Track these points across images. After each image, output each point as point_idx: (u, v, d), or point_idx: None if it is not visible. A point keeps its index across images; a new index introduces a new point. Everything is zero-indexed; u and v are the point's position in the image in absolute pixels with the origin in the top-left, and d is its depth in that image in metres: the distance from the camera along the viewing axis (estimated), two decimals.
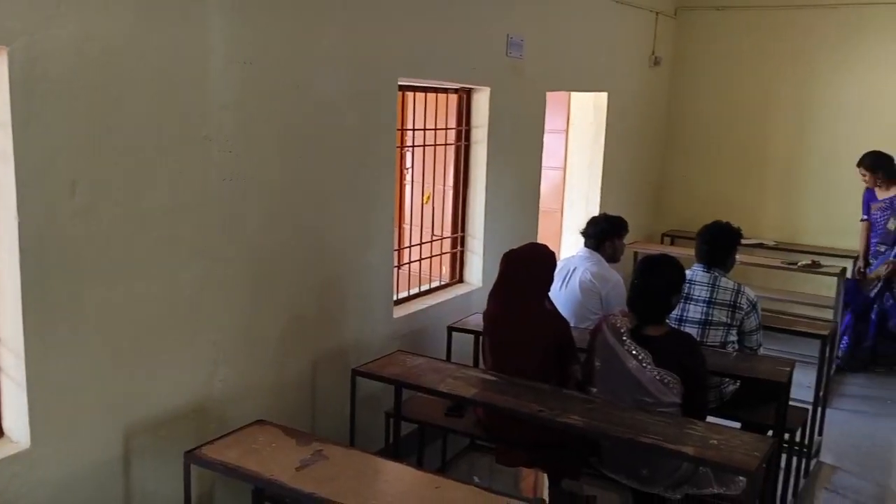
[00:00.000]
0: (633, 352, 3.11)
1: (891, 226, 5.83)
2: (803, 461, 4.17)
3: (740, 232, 4.08)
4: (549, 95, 5.40)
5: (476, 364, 4.07)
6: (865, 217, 5.96)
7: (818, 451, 4.48)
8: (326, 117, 3.50)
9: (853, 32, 6.54)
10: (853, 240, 6.48)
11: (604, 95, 6.11)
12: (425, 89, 4.42)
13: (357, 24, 3.58)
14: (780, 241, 6.78)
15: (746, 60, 6.99)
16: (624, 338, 3.16)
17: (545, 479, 3.76)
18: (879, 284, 5.79)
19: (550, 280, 3.53)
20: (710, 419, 3.39)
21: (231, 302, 3.16)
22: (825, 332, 4.28)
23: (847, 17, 6.53)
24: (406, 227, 4.85)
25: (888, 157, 5.78)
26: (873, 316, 5.84)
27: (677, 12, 7.15)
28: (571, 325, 3.99)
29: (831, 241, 6.61)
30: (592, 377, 3.32)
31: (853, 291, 5.91)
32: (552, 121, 6.04)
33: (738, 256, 6.11)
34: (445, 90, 4.56)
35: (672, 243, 7.01)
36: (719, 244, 3.97)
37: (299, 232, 3.45)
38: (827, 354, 4.33)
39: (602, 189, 6.27)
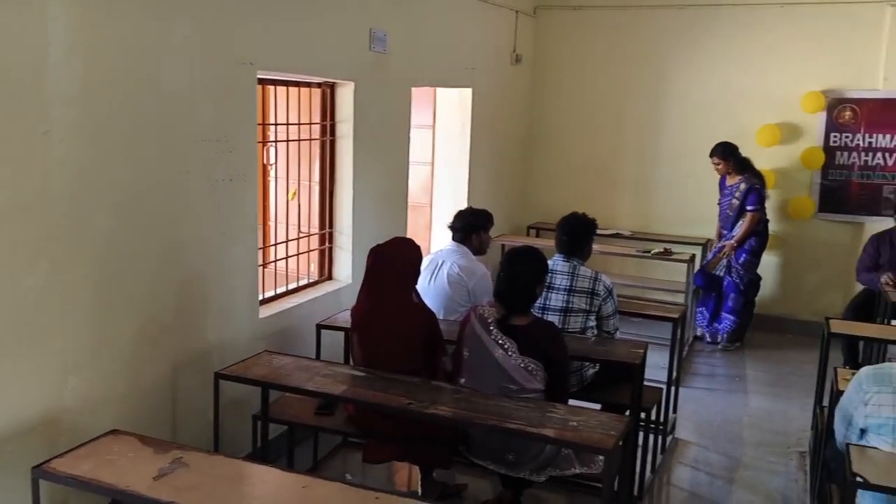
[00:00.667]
0: (500, 341, 3.19)
1: (730, 211, 6.34)
2: (660, 438, 4.42)
3: (595, 222, 4.25)
4: (415, 91, 5.43)
5: (347, 361, 4.04)
6: (719, 200, 6.53)
7: (674, 428, 4.75)
8: (180, 111, 3.36)
9: (699, 32, 6.96)
10: (703, 228, 6.94)
11: (468, 91, 6.22)
12: (287, 83, 4.34)
13: (211, 15, 3.46)
14: (635, 231, 7.13)
15: (602, 58, 7.30)
16: (491, 328, 3.23)
17: (418, 472, 3.81)
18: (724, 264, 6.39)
19: (417, 273, 3.56)
20: (572, 402, 3.53)
21: (79, 306, 2.99)
22: (676, 316, 4.55)
23: (692, 18, 6.94)
24: (272, 224, 4.75)
25: (736, 147, 6.35)
26: (715, 294, 6.52)
27: (536, 11, 7.37)
28: (440, 317, 4.06)
29: (682, 230, 7.02)
30: (461, 367, 3.38)
31: (704, 275, 6.46)
32: (419, 116, 6.09)
33: (596, 246, 6.43)
34: (308, 84, 4.50)
35: (537, 235, 7.22)
36: (577, 235, 4.13)
37: (153, 230, 3.30)
38: (678, 336, 4.60)
39: (469, 183, 6.38)
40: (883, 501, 2.75)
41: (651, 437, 4.24)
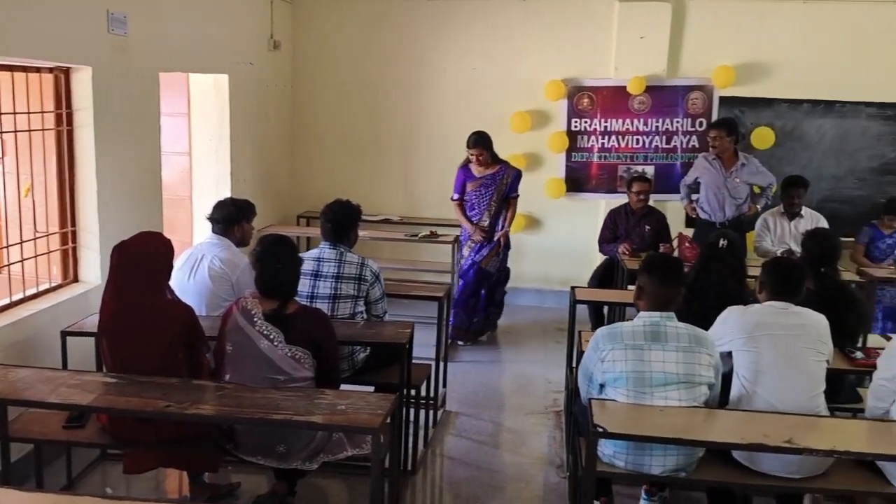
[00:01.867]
0: (265, 332, 3.13)
1: (493, 201, 6.06)
2: (431, 412, 4.59)
3: (360, 208, 4.28)
4: (166, 77, 5.14)
5: (100, 369, 3.75)
6: (458, 196, 6.14)
7: (444, 402, 4.95)
8: None
9: (450, 22, 7.24)
10: None
11: (224, 77, 5.99)
12: (12, 68, 3.91)
13: None
14: (404, 216, 7.32)
15: (363, 45, 7.37)
16: (255, 319, 3.16)
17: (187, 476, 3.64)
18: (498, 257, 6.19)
19: (168, 269, 3.38)
20: (345, 387, 3.56)
21: None
22: (440, 294, 4.73)
23: (443, 9, 7.22)
24: (3, 224, 4.27)
25: (489, 137, 6.04)
26: (483, 290, 6.21)
27: None
28: (203, 314, 3.90)
29: (447, 213, 7.24)
30: (224, 363, 3.27)
31: (478, 271, 6.16)
32: (171, 104, 5.77)
33: (365, 232, 6.50)
34: (38, 69, 4.08)
35: (308, 224, 7.17)
36: (341, 221, 4.15)
37: None
38: (445, 314, 4.79)
39: (232, 174, 6.17)
40: (622, 446, 3.06)
41: (423, 412, 4.39)
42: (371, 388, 3.90)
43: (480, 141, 6.00)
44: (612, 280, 6.09)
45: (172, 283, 4.06)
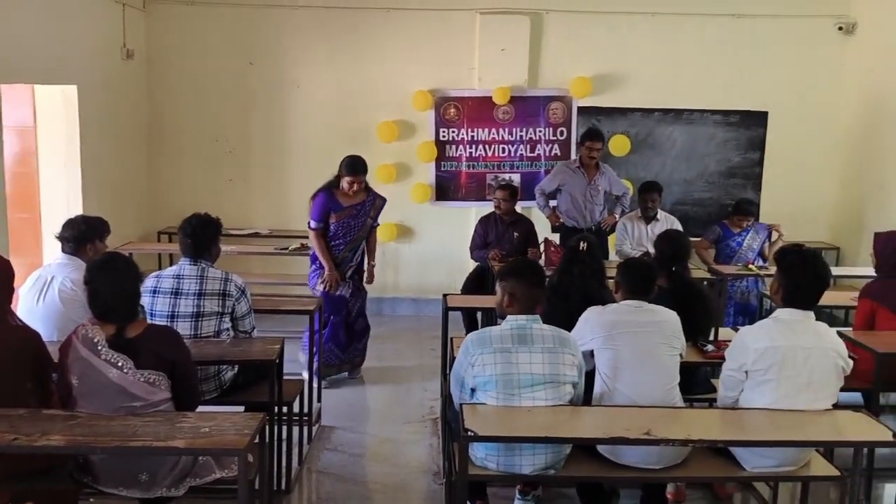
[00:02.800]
0: (112, 360, 2.95)
1: (361, 232, 5.52)
2: (305, 429, 4.50)
3: (220, 221, 4.14)
4: (7, 89, 4.81)
5: None
6: (318, 225, 5.41)
7: (319, 417, 4.87)
8: None
9: (315, 32, 7.19)
10: None
11: (73, 89, 5.67)
12: None
13: None
14: (273, 229, 7.18)
15: (225, 55, 7.18)
16: (99, 348, 2.97)
17: None
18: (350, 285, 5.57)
19: (9, 292, 3.14)
20: (212, 408, 3.43)
21: None
22: (311, 308, 4.65)
23: (307, 18, 7.15)
24: None
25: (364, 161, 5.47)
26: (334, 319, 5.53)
27: (146, 4, 6.98)
28: (55, 338, 3.65)
29: None
30: (71, 396, 3.05)
31: (328, 299, 5.39)
32: (14, 116, 5.41)
33: (233, 246, 6.37)
34: None
35: (170, 240, 6.87)
36: (201, 236, 3.98)
37: None
38: (316, 327, 4.72)
39: (84, 189, 5.85)
40: (493, 449, 3.11)
41: (296, 429, 4.30)
42: (241, 408, 3.78)
43: (363, 168, 5.40)
44: (485, 286, 6.20)
45: (20, 307, 3.80)
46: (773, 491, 3.87)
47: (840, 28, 7.29)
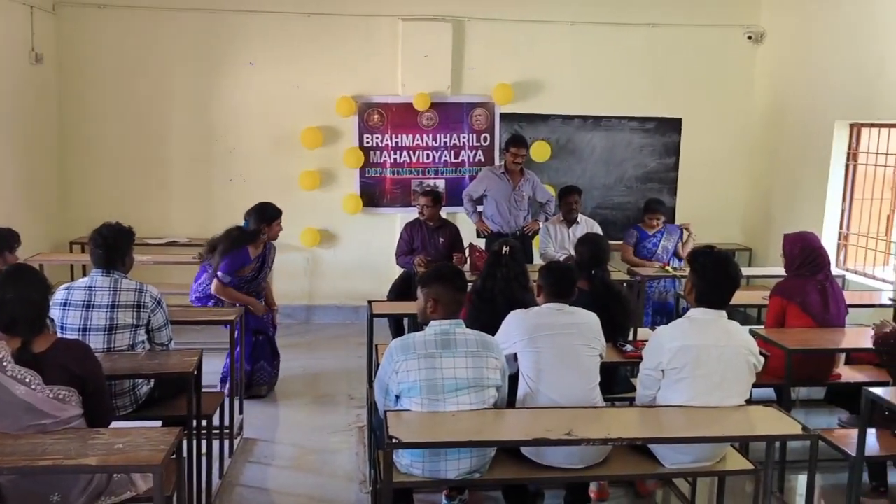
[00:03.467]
0: (19, 376, 2.82)
1: (267, 273, 5.40)
2: (227, 442, 4.39)
3: (132, 230, 4.00)
4: None
5: None
6: (229, 279, 5.10)
7: (241, 430, 4.77)
8: None
9: (234, 37, 7.07)
10: None
11: None
12: None
13: None
14: (192, 237, 6.98)
15: (140, 59, 6.99)
16: (5, 364, 2.83)
17: None
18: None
19: None
20: (128, 423, 3.32)
21: None
22: (232, 318, 4.55)
23: (224, 23, 7.02)
24: None
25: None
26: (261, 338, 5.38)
27: (55, 8, 6.73)
28: None
29: None
30: None
31: (253, 319, 5.24)
32: None
33: (149, 256, 6.20)
34: None
35: (83, 251, 6.62)
36: (113, 246, 3.84)
37: None
38: (237, 338, 4.62)
39: None
40: (418, 455, 3.11)
41: (217, 442, 4.20)
42: (158, 423, 3.67)
43: (279, 212, 5.28)
44: (411, 292, 6.18)
45: None
46: (692, 486, 3.98)
47: (750, 37, 7.60)
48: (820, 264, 4.48)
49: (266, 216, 5.23)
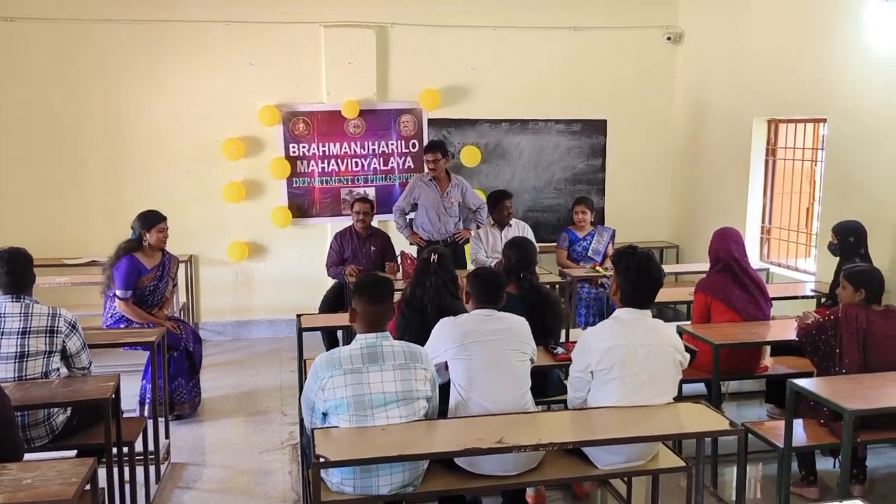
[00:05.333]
0: None
1: (169, 291, 5.27)
2: (153, 468, 4.23)
3: (28, 252, 3.80)
4: None
5: None
6: (128, 294, 4.96)
7: (168, 454, 4.59)
8: None
9: (152, 48, 6.85)
10: (184, 246, 6.90)
11: None
12: None
13: None
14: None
15: (52, 72, 6.73)
16: None
17: None
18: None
19: None
20: (42, 455, 3.17)
21: None
22: (152, 339, 4.37)
23: (142, 34, 6.80)
24: None
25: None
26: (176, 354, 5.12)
27: None
28: None
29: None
30: None
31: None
32: None
33: (67, 277, 5.97)
34: None
35: None
36: (20, 270, 3.67)
37: None
38: (161, 360, 4.45)
39: None
40: (349, 472, 3.02)
41: (142, 469, 4.04)
42: (74, 453, 3.51)
43: (160, 217, 5.10)
44: (344, 303, 6.08)
45: None
46: (628, 486, 4.00)
47: (669, 38, 7.74)
48: (739, 259, 4.56)
49: (146, 222, 5.06)
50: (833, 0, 5.66)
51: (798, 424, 3.82)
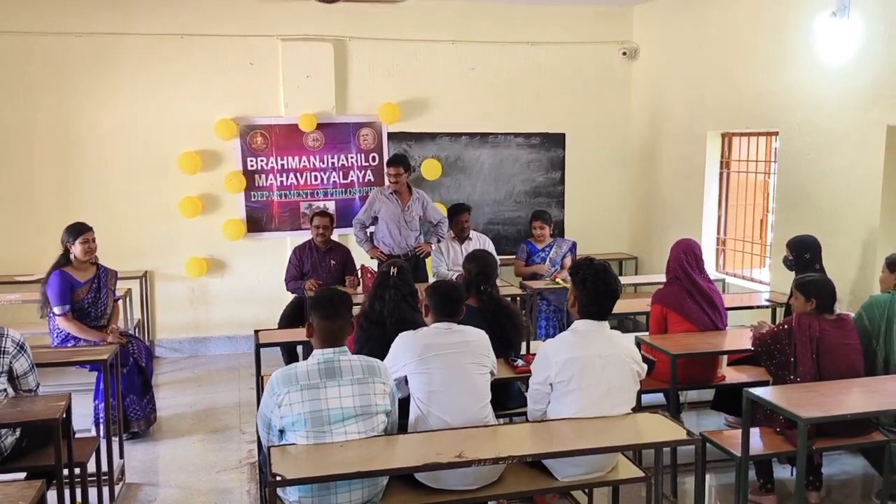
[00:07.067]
0: None
1: (109, 302, 5.17)
2: (107, 489, 4.12)
3: None
4: None
5: None
6: (66, 308, 4.89)
7: (123, 475, 4.48)
8: None
9: (104, 62, 6.74)
10: (140, 261, 6.78)
11: None
12: None
13: None
14: None
15: (2, 87, 6.57)
16: None
17: None
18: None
19: None
20: None
21: None
22: (104, 357, 4.26)
23: (94, 47, 6.69)
24: None
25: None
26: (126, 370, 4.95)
27: None
28: None
29: (119, 265, 6.69)
30: None
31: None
32: None
33: (18, 295, 5.83)
34: None
35: None
36: None
37: None
38: (109, 379, 4.33)
39: None
40: (306, 490, 2.96)
41: (95, 490, 3.93)
42: (23, 476, 3.40)
43: (85, 228, 5.00)
44: (303, 318, 6.01)
45: None
46: (588, 497, 4.00)
47: (624, 53, 7.85)
48: (689, 272, 4.60)
49: (70, 233, 4.96)
50: (784, 16, 5.80)
51: (755, 433, 3.87)
